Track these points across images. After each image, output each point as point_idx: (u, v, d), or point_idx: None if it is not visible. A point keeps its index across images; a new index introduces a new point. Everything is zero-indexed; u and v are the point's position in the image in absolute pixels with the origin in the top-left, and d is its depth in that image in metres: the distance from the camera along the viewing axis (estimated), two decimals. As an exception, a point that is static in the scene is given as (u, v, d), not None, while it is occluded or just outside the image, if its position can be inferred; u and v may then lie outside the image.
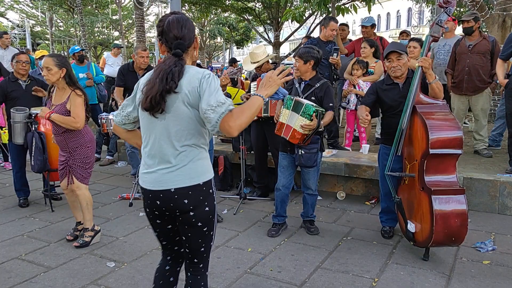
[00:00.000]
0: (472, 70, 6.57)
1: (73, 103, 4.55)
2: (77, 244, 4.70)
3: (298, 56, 4.80)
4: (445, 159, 4.13)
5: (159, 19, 2.59)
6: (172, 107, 2.42)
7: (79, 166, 4.70)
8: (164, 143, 2.48)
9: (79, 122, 4.56)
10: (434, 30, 4.38)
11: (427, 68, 4.22)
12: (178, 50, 2.46)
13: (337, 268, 4.17)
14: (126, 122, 2.75)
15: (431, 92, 4.32)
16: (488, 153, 6.73)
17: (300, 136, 4.53)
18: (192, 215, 2.51)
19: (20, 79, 5.87)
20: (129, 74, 6.87)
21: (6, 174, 7.76)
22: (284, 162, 4.92)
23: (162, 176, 2.49)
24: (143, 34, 16.75)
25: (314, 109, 4.43)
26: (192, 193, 2.48)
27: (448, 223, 4.02)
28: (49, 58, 4.54)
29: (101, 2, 35.13)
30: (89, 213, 4.78)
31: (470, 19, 6.52)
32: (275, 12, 20.06)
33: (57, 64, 4.51)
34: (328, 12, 8.37)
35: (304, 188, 4.98)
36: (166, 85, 2.37)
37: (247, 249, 4.56)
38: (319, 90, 4.79)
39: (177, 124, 2.44)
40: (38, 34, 44.10)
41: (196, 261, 2.70)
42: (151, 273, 4.07)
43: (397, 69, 4.45)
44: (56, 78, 4.54)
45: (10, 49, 9.68)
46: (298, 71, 4.81)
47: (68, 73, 4.59)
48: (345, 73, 7.33)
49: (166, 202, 2.51)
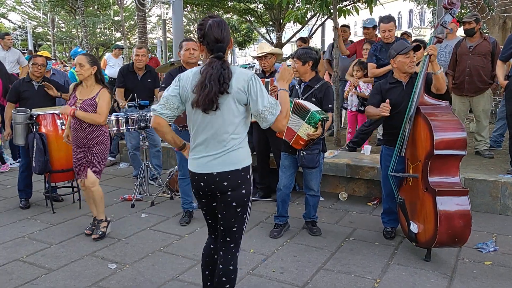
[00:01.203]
0: (473, 71, 6.56)
1: (103, 98, 4.79)
2: (96, 236, 4.90)
3: (296, 58, 4.80)
4: (449, 160, 4.13)
5: (199, 22, 2.89)
6: (223, 105, 2.76)
7: (97, 162, 4.87)
8: (213, 135, 2.83)
9: (102, 117, 4.78)
10: (438, 31, 4.39)
11: (435, 57, 4.26)
12: (220, 53, 2.78)
13: (339, 269, 4.17)
14: (175, 114, 2.97)
15: (436, 83, 4.32)
16: (490, 154, 6.72)
17: (303, 142, 4.55)
18: (229, 195, 2.86)
19: (34, 80, 5.96)
20: (128, 75, 6.90)
21: (7, 175, 7.77)
22: (285, 162, 4.92)
23: (207, 162, 2.86)
24: (145, 35, 16.78)
25: (320, 118, 4.42)
26: (231, 177, 2.84)
27: (452, 223, 4.01)
28: (82, 56, 4.84)
29: (103, 3, 35.22)
30: (102, 206, 5.05)
31: (472, 21, 6.53)
32: (277, 13, 20.08)
33: (90, 62, 4.77)
34: (329, 13, 8.36)
35: (306, 189, 4.98)
36: (221, 87, 2.70)
37: (250, 250, 4.55)
38: (319, 91, 4.79)
39: (226, 118, 2.79)
40: (40, 36, 44.14)
41: (228, 240, 2.99)
42: (153, 275, 4.09)
43: (414, 65, 4.48)
44: (88, 74, 4.77)
45: (12, 51, 9.71)
46: (297, 72, 4.81)
47: (99, 71, 4.87)
48: (347, 75, 7.33)
49: (209, 184, 2.88)
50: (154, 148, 7.02)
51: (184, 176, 5.36)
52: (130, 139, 6.99)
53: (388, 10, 47.85)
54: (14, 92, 5.97)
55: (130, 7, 36.77)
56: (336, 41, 7.76)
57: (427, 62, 4.26)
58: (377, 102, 4.59)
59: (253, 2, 20.80)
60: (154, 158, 7.01)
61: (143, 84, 6.88)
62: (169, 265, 4.29)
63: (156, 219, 5.53)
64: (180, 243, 4.82)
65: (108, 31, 43.47)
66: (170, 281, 3.99)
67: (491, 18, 10.13)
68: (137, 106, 6.32)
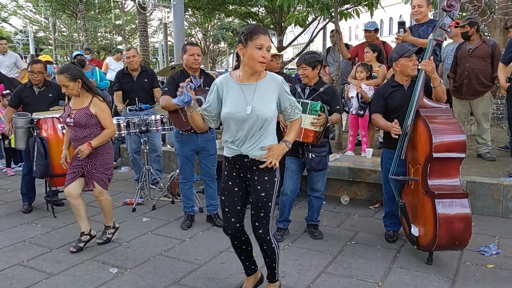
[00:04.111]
0: (472, 74, 6.56)
1: (99, 108, 4.65)
2: (100, 241, 4.87)
3: (306, 64, 4.76)
4: (448, 163, 4.12)
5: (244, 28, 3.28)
6: None
7: (100, 172, 4.75)
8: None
9: (111, 128, 4.73)
10: (438, 34, 4.39)
11: (431, 72, 4.22)
12: None
13: (341, 272, 4.15)
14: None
15: (435, 95, 4.32)
16: (492, 156, 6.70)
17: (312, 134, 4.56)
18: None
19: (35, 86, 5.97)
20: (124, 77, 6.95)
21: (8, 180, 7.76)
22: (292, 167, 4.90)
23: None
24: (146, 39, 16.86)
25: (320, 105, 4.53)
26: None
27: (452, 227, 4.00)
28: (61, 76, 4.51)
29: (104, 7, 35.28)
30: (110, 213, 4.99)
31: (465, 24, 6.54)
32: (278, 17, 20.06)
33: (71, 79, 4.51)
34: (330, 16, 8.36)
35: (312, 191, 4.97)
36: None
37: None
38: (325, 94, 4.80)
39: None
40: (41, 40, 44.28)
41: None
42: (154, 279, 4.08)
43: (416, 68, 4.46)
44: (77, 91, 4.60)
45: (9, 54, 9.73)
46: (307, 77, 4.81)
47: (84, 82, 4.63)
48: (349, 77, 7.32)
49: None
50: (154, 153, 7.01)
51: (185, 179, 5.35)
52: (131, 143, 7.00)
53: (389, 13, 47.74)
54: (16, 98, 6.01)
55: (131, 11, 36.88)
56: (337, 44, 7.75)
57: (423, 75, 4.27)
58: (382, 107, 4.61)
59: (255, 5, 20.79)
60: (154, 163, 7.00)
61: (140, 84, 6.91)
62: (170, 269, 4.28)
63: (157, 223, 5.52)
64: (181, 247, 4.81)
65: (109, 35, 43.61)
66: (171, 285, 3.97)
67: (492, 20, 10.13)
68: (138, 109, 6.32)
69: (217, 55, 48.39)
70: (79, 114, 4.59)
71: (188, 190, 5.40)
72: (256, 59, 3.15)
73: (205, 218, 5.54)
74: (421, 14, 6.22)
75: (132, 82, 6.88)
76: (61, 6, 31.93)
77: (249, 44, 3.14)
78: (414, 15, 6.29)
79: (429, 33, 5.87)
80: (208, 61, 40.87)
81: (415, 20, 6.28)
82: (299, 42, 26.86)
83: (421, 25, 6.19)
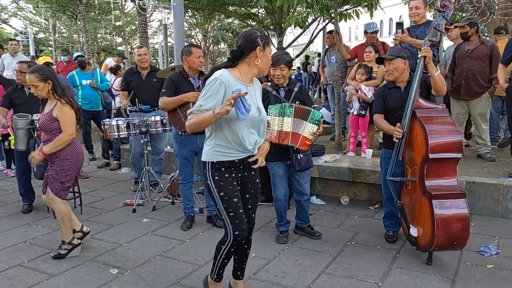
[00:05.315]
0: (469, 75, 6.57)
1: (60, 111, 4.38)
2: (52, 254, 4.61)
3: (284, 64, 4.65)
4: (445, 163, 4.13)
5: None
6: None
7: (54, 178, 4.48)
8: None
9: (67, 131, 4.39)
10: (432, 35, 4.40)
11: (430, 59, 4.24)
12: None
13: (341, 273, 4.16)
14: None
15: (434, 85, 4.32)
16: (491, 157, 6.71)
17: (309, 142, 4.60)
18: None
19: (26, 87, 5.93)
20: (132, 76, 6.80)
21: (9, 181, 7.77)
22: (280, 172, 4.84)
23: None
24: (146, 40, 16.86)
25: (321, 115, 4.55)
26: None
27: (449, 227, 4.01)
28: (31, 76, 4.34)
29: (104, 8, 35.28)
30: (65, 227, 4.60)
31: (465, 25, 6.55)
32: (278, 17, 20.04)
33: (41, 79, 4.34)
34: (330, 17, 8.37)
35: (300, 195, 4.93)
36: None
37: (251, 255, 4.53)
38: (300, 93, 4.81)
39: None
40: (42, 41, 44.20)
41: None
42: (154, 280, 4.08)
43: (389, 73, 4.54)
44: (46, 92, 4.41)
45: (19, 56, 9.75)
46: (283, 78, 4.72)
47: (55, 84, 4.41)
48: (348, 79, 7.33)
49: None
50: (157, 156, 6.99)
51: (185, 180, 5.36)
52: (135, 145, 6.91)
53: (389, 14, 47.74)
54: (7, 98, 6.02)
55: (131, 12, 36.86)
56: (337, 45, 7.75)
57: (421, 64, 4.26)
58: (383, 108, 4.65)
59: (255, 6, 20.79)
60: (156, 165, 6.97)
61: (148, 83, 6.72)
62: (171, 270, 4.29)
63: (158, 224, 5.52)
64: (181, 248, 4.81)
65: (109, 36, 43.59)
66: (171, 285, 3.98)
67: (492, 21, 10.13)
68: (138, 110, 6.32)
69: (217, 56, 48.36)
70: (43, 119, 4.44)
71: (188, 191, 5.40)
72: (269, 64, 3.31)
73: (205, 219, 5.55)
74: (418, 15, 6.20)
75: (140, 81, 6.73)
76: (61, 8, 31.88)
77: (267, 49, 3.21)
78: (412, 17, 6.27)
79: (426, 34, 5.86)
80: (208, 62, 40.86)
81: (413, 21, 6.28)
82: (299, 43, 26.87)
83: (418, 26, 6.19)
